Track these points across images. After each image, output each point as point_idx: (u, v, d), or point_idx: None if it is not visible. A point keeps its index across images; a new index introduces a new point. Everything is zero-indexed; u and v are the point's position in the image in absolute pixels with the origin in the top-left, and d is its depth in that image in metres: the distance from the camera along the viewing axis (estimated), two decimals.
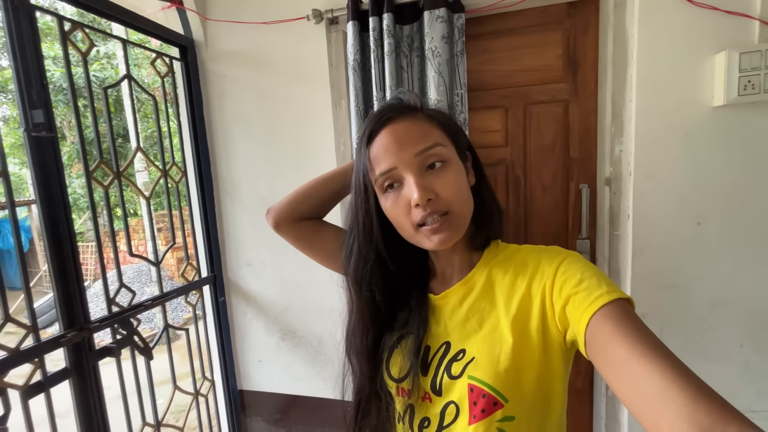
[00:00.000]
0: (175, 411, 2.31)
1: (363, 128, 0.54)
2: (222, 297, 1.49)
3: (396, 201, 0.51)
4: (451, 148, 0.52)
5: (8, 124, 7.31)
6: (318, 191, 0.70)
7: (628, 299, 0.42)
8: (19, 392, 0.85)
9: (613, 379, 0.37)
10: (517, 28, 1.20)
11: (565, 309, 0.45)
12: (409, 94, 0.56)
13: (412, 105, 0.54)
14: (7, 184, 0.85)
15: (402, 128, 0.50)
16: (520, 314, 0.49)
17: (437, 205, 0.49)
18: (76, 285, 0.96)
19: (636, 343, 0.36)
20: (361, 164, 0.53)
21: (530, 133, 1.23)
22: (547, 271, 0.49)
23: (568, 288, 0.45)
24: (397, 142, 0.50)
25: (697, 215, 1.04)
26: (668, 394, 0.31)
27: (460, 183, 0.51)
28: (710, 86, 0.99)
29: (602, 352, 0.39)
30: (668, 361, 0.34)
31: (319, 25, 1.25)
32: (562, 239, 1.24)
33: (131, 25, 1.17)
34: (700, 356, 1.08)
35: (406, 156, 0.49)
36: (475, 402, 0.48)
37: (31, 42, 0.88)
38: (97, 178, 1.03)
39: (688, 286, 1.07)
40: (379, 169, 0.50)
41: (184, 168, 1.38)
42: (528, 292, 0.50)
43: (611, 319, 0.39)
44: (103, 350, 1.03)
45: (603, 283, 0.43)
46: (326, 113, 1.29)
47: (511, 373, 0.48)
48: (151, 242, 1.21)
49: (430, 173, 0.50)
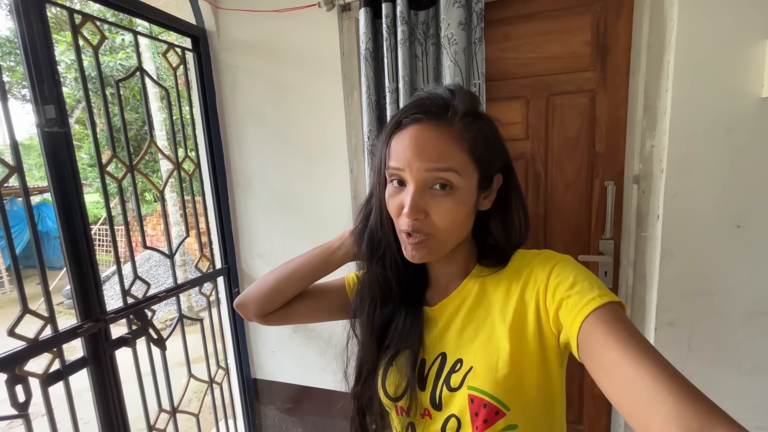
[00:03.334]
0: (195, 391, 2.40)
1: (398, 112, 0.52)
2: (236, 288, 1.51)
3: (394, 196, 0.51)
4: (468, 176, 0.48)
5: None
6: (300, 275, 0.65)
7: (619, 303, 0.42)
8: (39, 380, 0.89)
9: (605, 382, 0.37)
10: (542, 12, 1.11)
11: (558, 312, 0.45)
12: (461, 93, 0.49)
13: (453, 110, 0.48)
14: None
15: (426, 137, 0.47)
16: (516, 320, 0.49)
17: (423, 225, 0.49)
18: (92, 278, 0.98)
19: (627, 347, 0.36)
20: (382, 146, 0.52)
21: (553, 125, 1.15)
22: (540, 276, 0.48)
23: (560, 291, 0.45)
24: (415, 148, 0.47)
25: (735, 217, 0.96)
26: (658, 397, 0.32)
27: (458, 215, 0.49)
28: (759, 75, 0.89)
29: (594, 355, 0.39)
30: (658, 364, 0.34)
31: (331, 12, 1.20)
32: (584, 239, 1.18)
33: (142, 15, 1.16)
34: (731, 369, 1.01)
35: (416, 166, 0.47)
36: (477, 413, 0.48)
37: (42, 36, 0.88)
38: (110, 172, 1.04)
39: (721, 293, 0.99)
40: (391, 163, 0.50)
41: (197, 160, 1.38)
42: (522, 297, 0.49)
43: (603, 323, 0.39)
44: (119, 340, 1.06)
45: (595, 287, 0.43)
46: (338, 105, 1.26)
47: (510, 380, 0.47)
48: (166, 234, 1.22)
49: (430, 193, 0.48)
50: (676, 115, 0.96)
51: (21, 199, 0.86)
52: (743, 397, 1.01)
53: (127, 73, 5.35)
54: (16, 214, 6.45)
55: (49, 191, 0.93)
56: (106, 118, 1.00)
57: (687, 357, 1.04)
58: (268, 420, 1.60)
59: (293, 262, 0.65)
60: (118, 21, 4.74)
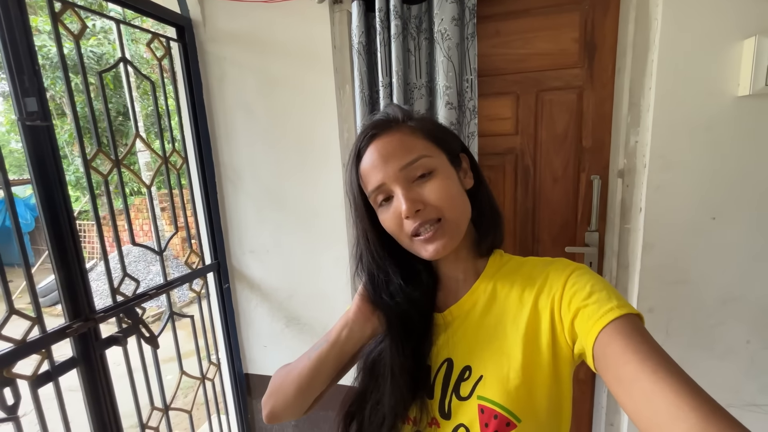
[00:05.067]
0: (184, 387, 2.37)
1: (352, 147, 0.54)
2: (226, 284, 1.49)
3: (389, 214, 0.51)
4: (439, 157, 0.51)
5: (8, 100, 7.22)
6: (321, 380, 0.58)
7: (638, 314, 0.41)
8: (28, 382, 0.86)
9: (623, 395, 0.36)
10: (532, 9, 1.13)
11: (574, 322, 0.44)
12: (393, 107, 0.55)
13: (394, 118, 0.53)
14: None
15: (385, 143, 0.50)
16: (529, 329, 0.48)
17: (427, 213, 0.49)
18: (80, 277, 0.95)
19: (646, 360, 0.36)
20: (351, 181, 0.54)
21: (542, 121, 1.18)
22: (555, 284, 0.48)
23: (577, 301, 0.44)
24: (382, 157, 0.50)
25: (712, 210, 1.01)
26: (679, 413, 0.31)
27: (451, 189, 0.50)
28: (736, 75, 0.94)
29: (612, 368, 0.38)
30: (679, 379, 0.33)
31: (323, 4, 1.18)
32: (571, 231, 1.22)
33: (125, 3, 1.11)
34: (705, 351, 1.08)
35: (391, 171, 0.49)
36: (487, 423, 0.47)
37: (21, 26, 0.84)
38: (95, 166, 1.00)
39: (698, 281, 1.05)
40: (371, 186, 0.51)
41: (184, 154, 1.35)
42: (536, 305, 0.49)
43: (621, 334, 0.38)
44: (110, 339, 1.03)
45: (613, 297, 0.42)
46: (330, 98, 1.25)
47: (522, 391, 0.46)
48: (154, 230, 1.20)
49: (417, 184, 0.50)
50: (659, 112, 1.00)
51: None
52: (715, 378, 1.09)
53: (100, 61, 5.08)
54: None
55: (27, 178, 0.89)
56: (89, 110, 0.96)
57: (665, 341, 1.10)
58: (260, 414, 1.61)
59: (306, 372, 0.57)
60: (88, 5, 4.50)
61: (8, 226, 6.39)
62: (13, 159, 9.03)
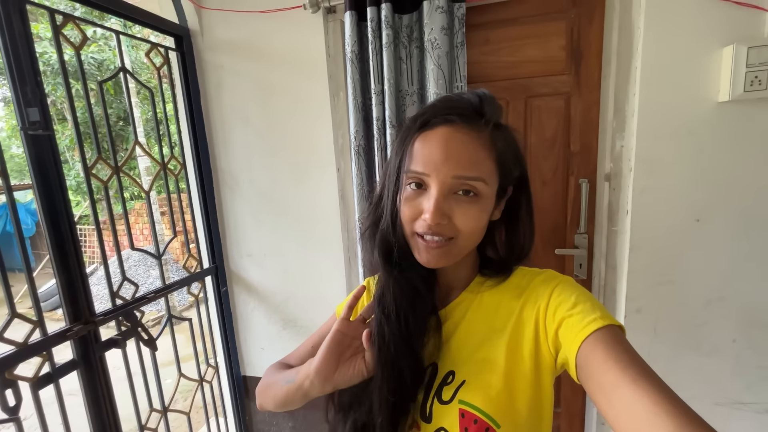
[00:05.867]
0: (182, 390, 2.39)
1: (423, 110, 0.49)
2: (224, 287, 1.52)
3: (412, 200, 0.49)
4: (492, 185, 0.48)
5: (9, 106, 7.27)
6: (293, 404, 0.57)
7: (620, 326, 0.42)
8: (29, 384, 0.89)
9: (603, 403, 0.38)
10: (520, 18, 1.16)
11: (558, 332, 0.45)
12: (492, 102, 0.49)
13: (486, 119, 0.47)
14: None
15: (457, 142, 0.46)
16: (513, 337, 0.49)
17: (445, 229, 0.47)
18: (80, 280, 0.98)
19: (627, 368, 0.37)
20: (402, 145, 0.50)
21: (531, 126, 1.21)
22: (541, 295, 0.48)
23: (562, 311, 0.45)
24: (445, 153, 0.46)
25: (696, 212, 1.04)
26: (657, 420, 0.32)
27: (480, 222, 0.49)
28: (716, 81, 0.97)
29: (593, 376, 0.39)
30: (658, 387, 0.34)
31: (317, 14, 1.22)
32: (561, 233, 1.25)
33: (124, 15, 1.14)
34: (692, 350, 1.10)
35: (444, 171, 0.46)
36: (467, 428, 0.47)
37: (23, 37, 0.87)
38: (95, 172, 1.03)
39: (683, 282, 1.08)
40: (414, 166, 0.48)
41: (183, 161, 1.37)
42: (521, 315, 0.50)
43: (603, 344, 0.39)
44: (109, 342, 1.06)
45: (597, 309, 0.43)
46: (324, 106, 1.28)
47: (503, 397, 0.47)
48: (153, 234, 1.22)
49: (455, 198, 0.47)
50: (643, 117, 1.03)
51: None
52: (702, 376, 1.11)
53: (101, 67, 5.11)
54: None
55: (29, 184, 0.91)
56: (89, 117, 0.99)
57: (653, 341, 1.12)
58: (258, 416, 1.63)
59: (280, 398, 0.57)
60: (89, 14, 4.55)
61: (9, 231, 6.42)
62: (14, 164, 9.05)
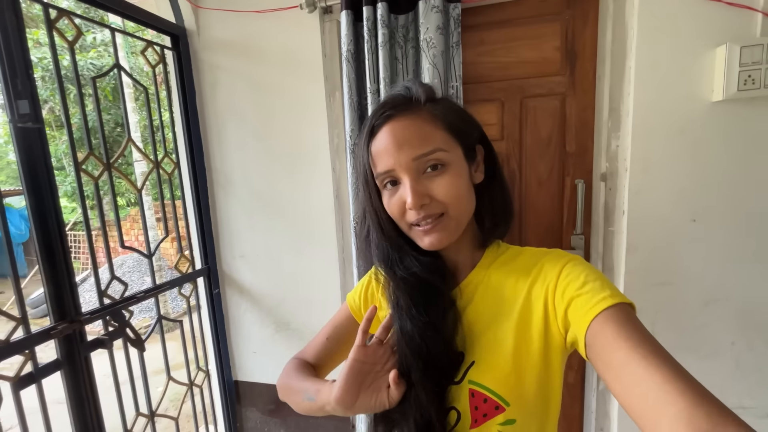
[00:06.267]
0: (174, 399, 2.34)
1: (366, 121, 0.52)
2: (216, 289, 1.49)
3: (393, 199, 0.50)
4: (454, 150, 0.50)
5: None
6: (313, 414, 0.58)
7: (630, 304, 0.42)
8: (10, 384, 0.86)
9: (613, 381, 0.37)
10: (515, 19, 1.17)
11: (567, 311, 0.45)
12: (417, 84, 0.52)
13: (416, 99, 0.51)
14: None
15: (402, 128, 0.49)
16: (522, 318, 0.49)
17: (432, 208, 0.49)
18: (66, 277, 0.96)
19: (637, 347, 0.36)
20: (362, 157, 0.52)
21: (526, 126, 1.21)
22: (550, 274, 0.48)
23: (570, 291, 0.45)
24: (396, 143, 0.48)
25: (692, 212, 1.03)
26: (668, 397, 0.31)
27: (460, 186, 0.49)
28: (710, 81, 0.97)
29: (603, 354, 0.39)
30: (669, 365, 0.34)
31: (313, 14, 1.22)
32: (557, 234, 1.24)
33: (121, 13, 1.14)
34: (691, 353, 1.08)
35: (403, 159, 0.48)
36: (477, 407, 0.48)
37: (16, 30, 0.86)
38: (87, 170, 1.02)
39: (681, 283, 1.06)
40: (379, 168, 0.50)
41: (177, 160, 1.36)
42: (529, 295, 0.50)
43: (613, 323, 0.39)
44: (95, 342, 1.03)
45: (606, 287, 0.43)
46: (320, 105, 1.27)
47: (512, 377, 0.48)
48: (144, 233, 1.20)
49: (427, 176, 0.49)
50: (638, 117, 1.03)
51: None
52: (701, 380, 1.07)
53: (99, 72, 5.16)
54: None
55: (21, 189, 0.90)
56: (82, 115, 0.98)
57: None
58: (249, 422, 1.59)
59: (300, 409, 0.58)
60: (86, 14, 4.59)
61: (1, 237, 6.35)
62: (10, 171, 9.03)
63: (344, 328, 0.65)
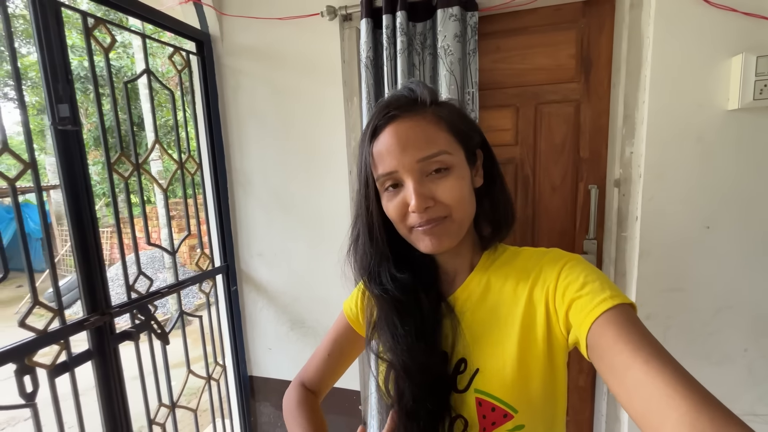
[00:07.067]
0: (188, 394, 2.40)
1: (369, 120, 0.51)
2: (234, 286, 1.54)
3: (395, 202, 0.49)
4: (457, 153, 0.49)
5: (34, 108, 7.48)
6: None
7: (631, 304, 0.41)
8: (47, 371, 0.91)
9: (615, 384, 0.37)
10: (531, 27, 1.19)
11: (568, 313, 0.44)
12: (421, 86, 0.51)
13: (421, 100, 0.50)
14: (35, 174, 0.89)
15: (406, 129, 0.48)
16: (525, 322, 0.48)
17: (435, 211, 0.48)
18: (98, 272, 1.01)
19: (639, 349, 0.36)
20: (363, 158, 0.51)
21: (541, 132, 1.23)
22: (549, 276, 0.48)
23: (570, 292, 0.44)
24: (400, 144, 0.47)
25: (706, 219, 1.04)
26: (671, 401, 0.31)
27: (463, 189, 0.49)
28: (725, 90, 0.98)
29: (605, 357, 0.38)
30: (671, 368, 0.34)
31: (333, 21, 1.26)
32: (569, 239, 1.25)
33: (150, 20, 1.20)
34: (702, 359, 1.09)
35: (407, 161, 0.47)
36: (485, 416, 0.48)
37: (57, 38, 0.91)
38: (117, 169, 1.07)
39: (693, 289, 1.07)
40: (381, 170, 0.49)
41: (199, 160, 1.41)
42: (530, 298, 0.49)
43: (614, 324, 0.39)
44: (123, 334, 1.08)
45: (606, 288, 0.43)
46: (338, 109, 1.31)
47: (518, 384, 0.47)
48: (166, 230, 1.25)
49: (430, 179, 0.48)
50: (652, 124, 1.04)
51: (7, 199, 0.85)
52: (713, 387, 1.08)
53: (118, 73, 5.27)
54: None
55: (60, 187, 0.95)
56: (115, 118, 1.04)
57: None
58: (263, 417, 1.63)
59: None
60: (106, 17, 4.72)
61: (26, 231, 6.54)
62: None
63: (344, 339, 0.65)
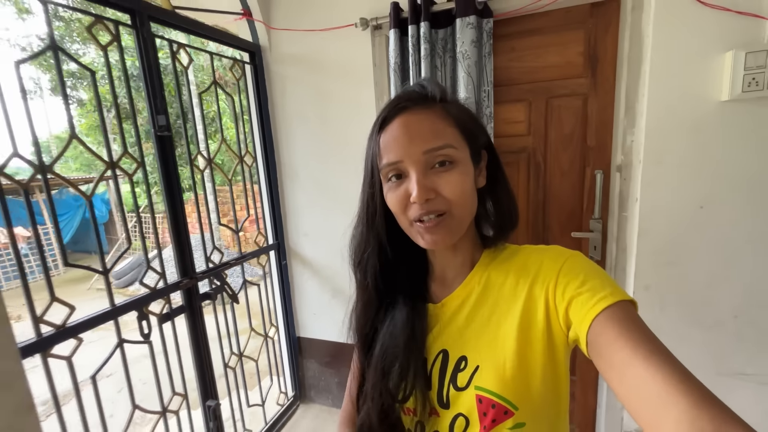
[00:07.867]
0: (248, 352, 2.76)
1: (379, 112, 0.52)
2: (284, 261, 1.81)
3: (397, 193, 0.50)
4: (463, 150, 0.50)
5: (85, 107, 8.21)
6: None
7: (631, 301, 0.41)
8: (157, 318, 1.21)
9: (615, 381, 0.37)
10: (543, 28, 1.33)
11: (568, 311, 0.44)
12: (433, 83, 0.52)
13: (432, 96, 0.51)
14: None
15: (415, 121, 0.48)
16: (524, 319, 0.48)
17: (436, 204, 0.48)
18: (187, 246, 1.29)
19: (639, 346, 0.36)
20: (371, 148, 0.52)
21: (551, 123, 1.37)
22: (549, 273, 0.48)
23: (571, 289, 0.44)
24: (408, 134, 0.48)
25: (700, 200, 1.16)
26: (670, 398, 0.31)
27: (465, 185, 0.49)
28: (719, 83, 1.09)
29: (605, 354, 0.38)
30: (671, 365, 0.34)
31: (365, 31, 1.45)
32: (577, 219, 1.40)
33: (212, 38, 1.44)
34: (696, 324, 1.23)
35: (413, 151, 0.47)
36: (485, 413, 0.48)
37: (154, 60, 1.18)
38: (196, 165, 1.34)
39: (687, 263, 1.20)
40: (386, 159, 0.49)
41: (254, 154, 1.67)
42: (530, 295, 0.48)
43: (614, 322, 0.39)
44: (205, 295, 1.37)
45: (606, 285, 0.43)
46: (370, 109, 1.51)
47: (518, 380, 0.47)
48: (234, 214, 1.52)
49: (434, 172, 0.48)
50: (651, 115, 1.17)
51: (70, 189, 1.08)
52: (706, 348, 1.23)
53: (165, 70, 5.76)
54: (65, 203, 7.09)
55: (158, 180, 1.23)
56: (202, 123, 1.30)
57: (659, 316, 1.26)
58: (309, 372, 1.92)
59: None
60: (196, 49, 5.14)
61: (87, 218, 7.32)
62: (84, 159, 10.25)
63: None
